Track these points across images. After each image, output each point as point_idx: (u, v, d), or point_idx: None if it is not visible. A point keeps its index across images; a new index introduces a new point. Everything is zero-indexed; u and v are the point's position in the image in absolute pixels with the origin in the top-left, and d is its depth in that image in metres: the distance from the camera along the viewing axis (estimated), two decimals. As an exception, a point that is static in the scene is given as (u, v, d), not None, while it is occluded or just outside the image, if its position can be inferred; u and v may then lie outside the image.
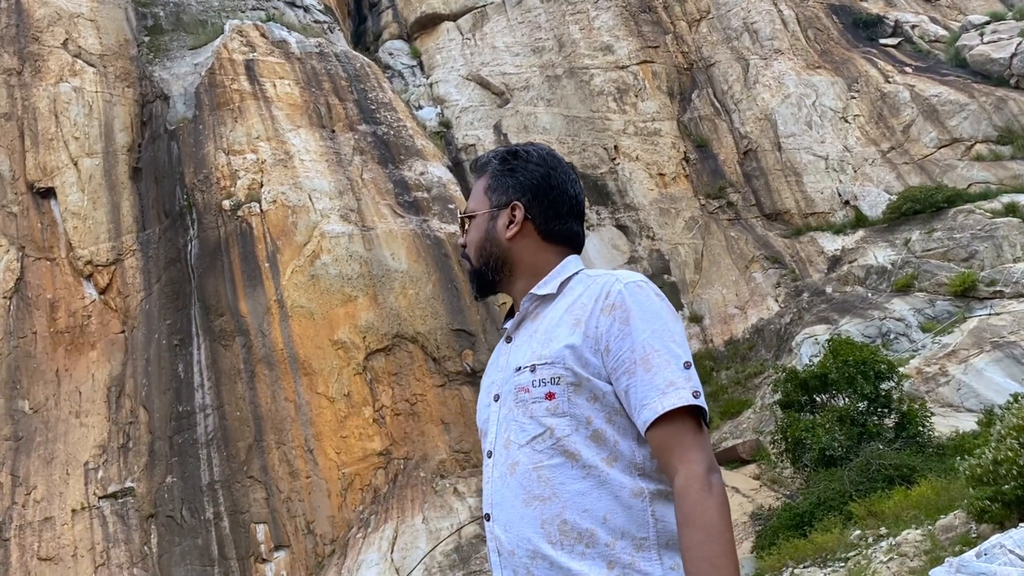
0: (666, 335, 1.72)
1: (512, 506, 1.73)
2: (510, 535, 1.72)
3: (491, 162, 2.02)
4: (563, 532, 1.66)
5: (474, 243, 1.97)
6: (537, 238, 1.95)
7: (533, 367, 1.76)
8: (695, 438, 1.69)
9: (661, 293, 1.83)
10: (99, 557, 22.56)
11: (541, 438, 1.72)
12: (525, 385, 1.76)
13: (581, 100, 32.26)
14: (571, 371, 1.73)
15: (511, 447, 1.77)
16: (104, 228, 27.42)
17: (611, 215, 29.89)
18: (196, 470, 22.95)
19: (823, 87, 31.59)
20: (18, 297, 26.60)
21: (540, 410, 1.73)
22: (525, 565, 1.68)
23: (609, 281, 1.80)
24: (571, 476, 1.69)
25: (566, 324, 1.78)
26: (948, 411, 18.97)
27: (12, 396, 24.98)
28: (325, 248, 24.71)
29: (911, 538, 11.30)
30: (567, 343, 1.75)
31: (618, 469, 1.70)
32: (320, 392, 23.04)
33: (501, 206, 1.96)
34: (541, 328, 1.83)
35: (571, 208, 1.99)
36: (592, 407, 1.72)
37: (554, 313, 1.83)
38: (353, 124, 28.59)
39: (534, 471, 1.72)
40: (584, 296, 1.81)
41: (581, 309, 1.79)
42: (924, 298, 24.31)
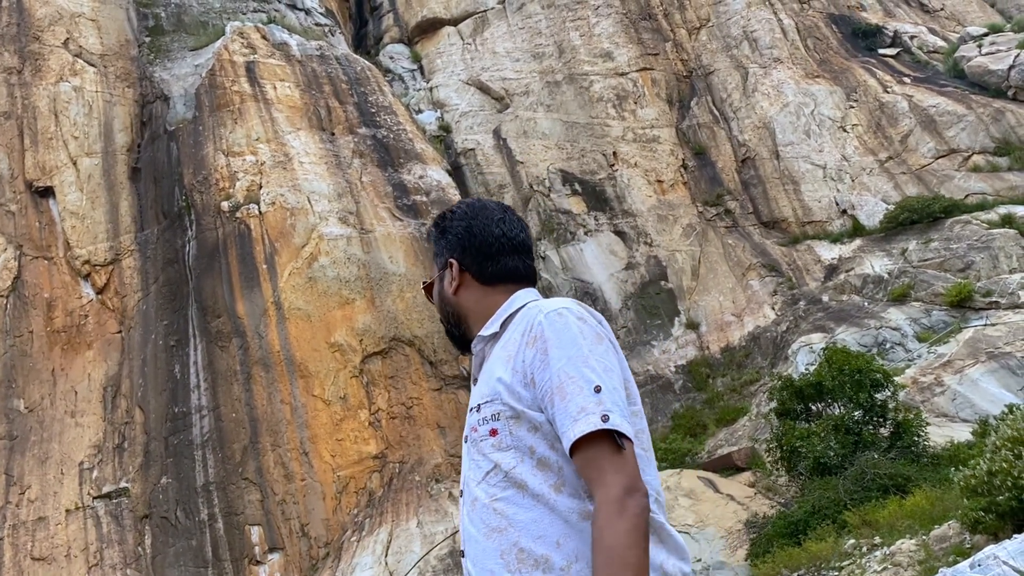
0: (580, 361, 1.76)
1: (476, 540, 1.80)
2: (477, 568, 1.79)
3: (431, 231, 2.17)
4: (520, 560, 1.71)
5: (437, 307, 2.11)
6: (478, 286, 2.05)
7: (478, 407, 1.86)
8: (611, 460, 1.71)
9: (585, 315, 1.87)
10: (92, 557, 22.52)
11: (492, 473, 1.80)
12: (474, 425, 1.86)
13: (580, 106, 32.34)
14: (508, 406, 1.80)
15: (470, 484, 1.86)
16: (102, 228, 27.41)
17: (609, 221, 29.95)
18: (191, 471, 22.93)
19: (822, 96, 31.69)
20: (15, 296, 26.56)
21: (487, 447, 1.81)
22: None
23: (533, 313, 1.87)
24: (523, 506, 1.75)
25: (500, 361, 1.87)
26: (943, 421, 19.02)
27: (7, 395, 24.94)
28: (323, 250, 24.72)
29: (905, 548, 11.33)
30: (500, 379, 1.83)
31: (566, 494, 1.75)
32: (316, 395, 23.03)
33: (443, 267, 2.10)
34: (487, 369, 1.92)
35: (501, 247, 2.06)
36: (533, 437, 1.78)
37: (495, 353, 1.92)
38: (353, 127, 28.63)
39: (490, 504, 1.79)
40: (515, 332, 1.89)
41: (512, 345, 1.86)
42: (920, 308, 24.38)
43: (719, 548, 17.29)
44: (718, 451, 22.39)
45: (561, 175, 30.65)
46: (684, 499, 18.84)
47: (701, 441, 23.54)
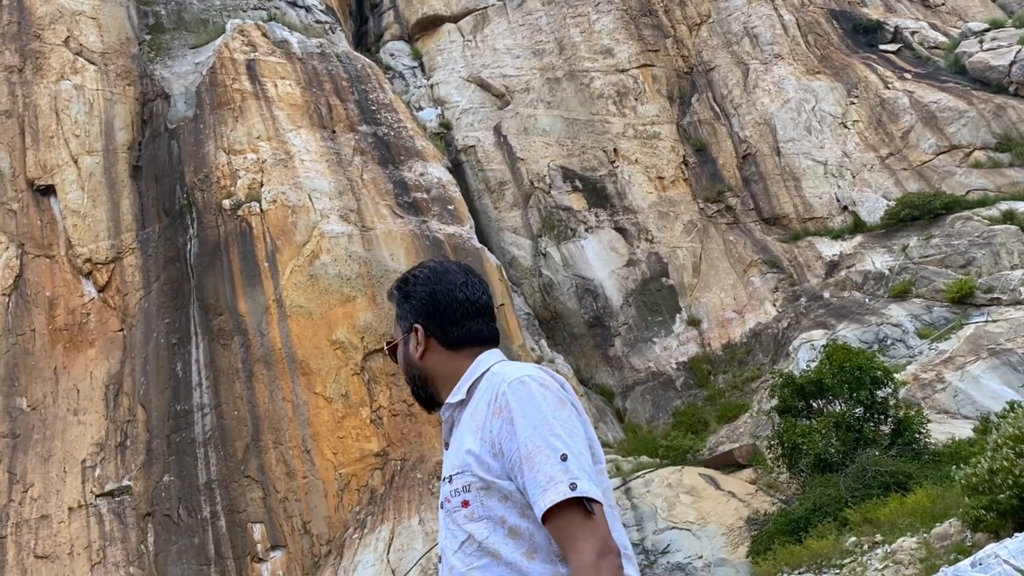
0: (545, 429, 1.81)
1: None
2: None
3: (393, 293, 2.20)
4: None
5: (402, 368, 2.15)
6: (443, 350, 2.08)
7: (450, 478, 1.91)
8: (581, 526, 1.76)
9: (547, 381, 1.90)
10: (95, 555, 22.58)
11: (467, 543, 1.85)
12: (447, 495, 1.91)
13: (581, 103, 32.32)
14: (478, 477, 1.85)
15: (447, 553, 1.90)
16: (104, 226, 27.42)
17: (610, 217, 29.94)
18: (193, 469, 22.98)
19: (823, 92, 31.66)
20: (17, 294, 26.60)
21: (460, 517, 1.86)
22: None
23: (497, 383, 1.91)
24: (497, 574, 1.79)
25: (469, 431, 1.91)
26: (944, 418, 19.03)
27: (10, 393, 24.99)
28: (324, 248, 24.74)
29: (906, 546, 11.35)
30: (469, 449, 1.87)
31: (539, 560, 1.80)
32: (318, 392, 23.07)
33: (407, 331, 2.12)
34: (457, 438, 1.96)
35: (465, 312, 2.10)
36: (504, 506, 1.83)
37: (465, 420, 1.96)
38: (354, 125, 28.62)
39: (466, 573, 1.83)
40: (482, 401, 1.93)
41: (480, 415, 1.91)
42: (921, 304, 24.39)
43: (720, 545, 17.33)
44: (719, 448, 22.42)
45: (562, 172, 30.65)
46: (686, 496, 18.87)
47: (702, 438, 23.57)
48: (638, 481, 19.84)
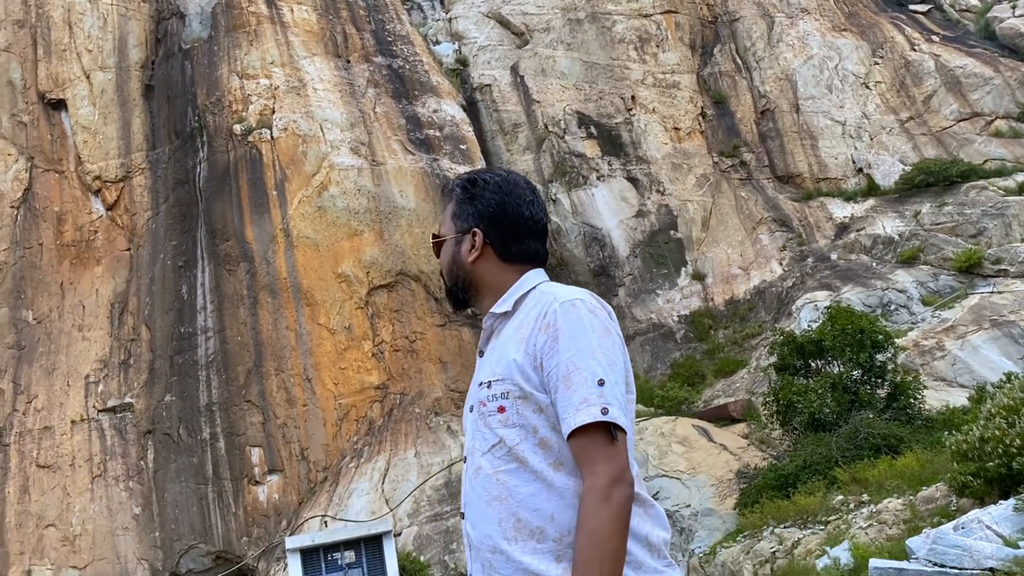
0: (588, 353, 1.86)
1: (477, 506, 1.93)
2: (476, 532, 1.93)
3: (455, 190, 2.17)
4: (517, 529, 1.85)
5: (444, 265, 2.14)
6: (497, 260, 2.10)
7: (489, 383, 1.95)
8: (604, 450, 1.82)
9: (598, 308, 1.95)
10: (96, 468, 23.04)
11: (497, 447, 1.91)
12: (484, 399, 1.95)
13: (601, 46, 31.79)
14: (518, 386, 1.90)
15: (475, 454, 1.97)
16: (114, 144, 27.30)
17: (622, 167, 29.70)
18: (195, 391, 23.29)
19: (847, 50, 31.09)
20: (25, 207, 26.63)
21: (495, 422, 1.92)
22: (487, 559, 1.88)
23: (548, 300, 1.95)
24: (523, 479, 1.87)
25: (513, 342, 1.95)
26: (941, 385, 19.14)
27: (16, 305, 25.21)
28: (334, 180, 24.65)
29: (892, 507, 11.53)
30: (514, 359, 1.92)
31: (563, 473, 1.87)
32: (321, 323, 23.23)
33: (464, 232, 2.12)
34: (499, 345, 2.01)
35: (528, 229, 2.13)
36: (538, 418, 1.89)
37: (508, 331, 2.00)
38: (369, 55, 28.24)
39: (493, 475, 1.91)
40: (530, 315, 1.97)
41: (526, 327, 1.95)
42: (928, 271, 24.31)
43: (709, 496, 17.61)
44: (715, 401, 22.62)
45: (577, 117, 30.30)
46: (677, 446, 19.12)
47: (698, 391, 23.76)
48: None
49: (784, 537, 12.75)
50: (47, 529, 22.29)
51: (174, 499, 22.51)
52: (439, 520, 19.20)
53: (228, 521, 21.96)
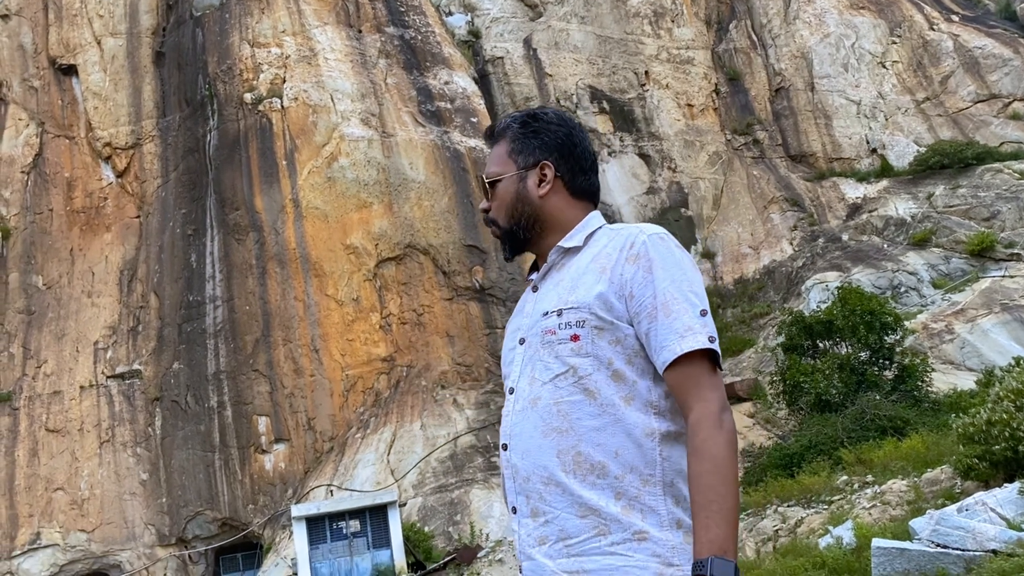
0: (684, 284, 1.84)
1: (531, 436, 1.86)
2: (527, 462, 1.86)
3: (511, 126, 2.09)
4: (577, 463, 1.80)
5: (505, 204, 2.04)
6: (566, 194, 2.04)
7: (560, 311, 1.88)
8: (709, 379, 1.80)
9: (681, 246, 1.95)
10: (104, 434, 23.24)
11: (564, 376, 1.85)
12: (552, 328, 1.88)
13: (616, 20, 31.47)
14: (596, 315, 1.85)
15: (534, 384, 1.89)
16: (124, 111, 27.25)
17: (634, 143, 29.51)
18: (203, 359, 23.40)
19: (864, 29, 30.70)
20: (36, 173, 26.66)
21: (565, 350, 1.85)
22: (539, 491, 1.83)
23: (633, 232, 1.92)
24: (588, 412, 1.82)
25: (592, 272, 1.90)
26: (949, 368, 19.08)
27: (26, 271, 25.31)
28: (344, 151, 24.56)
29: (896, 488, 11.52)
30: (595, 290, 1.87)
31: (634, 408, 1.82)
32: (329, 294, 23.26)
33: (529, 167, 2.04)
34: (568, 277, 1.94)
35: (592, 164, 2.10)
36: (613, 349, 1.84)
37: (580, 263, 1.95)
38: (381, 25, 28.02)
39: (554, 405, 1.84)
40: (609, 247, 1.92)
41: (607, 258, 1.90)
42: (940, 254, 24.16)
43: (713, 473, 17.63)
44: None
45: (590, 91, 30.07)
46: (683, 424, 19.13)
47: (705, 369, 23.74)
48: (638, 406, 20.10)
49: (787, 516, 12.78)
50: (56, 493, 22.53)
51: (181, 466, 22.70)
52: (444, 491, 19.31)
53: (234, 488, 22.15)
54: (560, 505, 1.80)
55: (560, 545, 1.79)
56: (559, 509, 1.80)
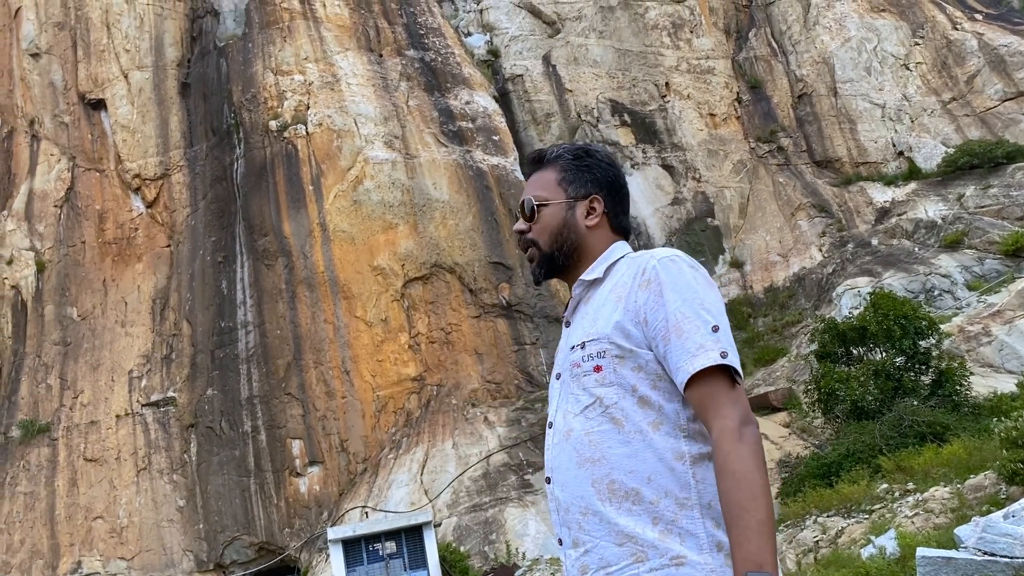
0: (695, 303, 1.87)
1: (567, 468, 1.91)
2: (566, 494, 1.91)
3: (563, 156, 2.16)
4: (611, 491, 1.84)
5: (549, 229, 2.09)
6: (608, 230, 2.13)
7: (583, 344, 1.94)
8: (727, 394, 1.81)
9: (696, 264, 1.98)
10: (141, 461, 23.49)
11: (592, 407, 1.90)
12: (577, 361, 1.94)
13: (634, 33, 31.52)
14: (615, 344, 1.90)
15: (567, 416, 1.95)
16: (152, 142, 27.71)
17: (657, 154, 29.45)
18: (236, 384, 23.60)
19: (886, 31, 30.47)
20: (68, 206, 27.16)
21: (590, 382, 1.91)
22: (578, 520, 1.87)
23: (645, 258, 1.97)
24: (618, 440, 1.86)
25: (610, 302, 1.96)
26: (988, 371, 18.72)
27: (61, 303, 25.74)
28: (368, 174, 24.77)
29: (939, 495, 11.30)
30: (612, 320, 1.92)
31: (663, 432, 1.85)
32: (358, 316, 23.40)
33: (579, 197, 2.11)
34: (591, 310, 2.01)
35: (629, 204, 2.22)
36: (637, 376, 1.88)
37: (601, 295, 2.01)
38: (401, 49, 28.31)
39: (585, 436, 1.89)
40: (625, 275, 1.98)
41: (622, 287, 1.96)
42: (973, 255, 23.78)
43: (750, 485, 17.41)
44: (755, 391, 22.37)
45: (610, 105, 30.10)
46: (717, 436, 18.93)
47: (738, 379, 23.50)
48: (671, 418, 19.92)
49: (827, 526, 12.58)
50: (95, 521, 22.78)
51: (217, 491, 22.86)
52: (478, 511, 19.25)
53: (270, 512, 22.25)
54: (598, 534, 1.83)
55: (601, 574, 1.81)
56: (598, 538, 1.83)
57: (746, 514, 1.68)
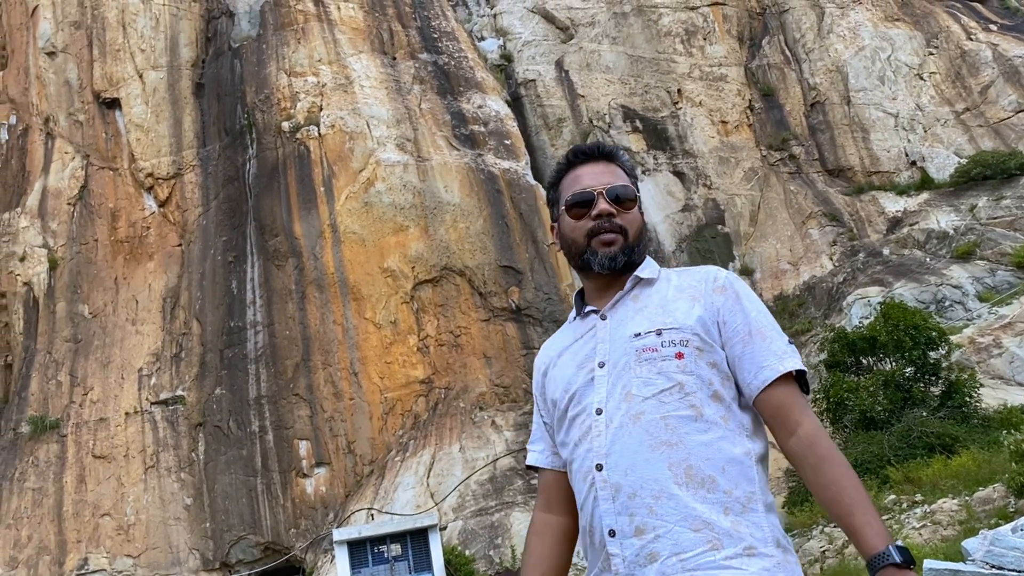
0: (769, 316, 2.01)
1: (635, 451, 1.88)
2: (631, 478, 1.87)
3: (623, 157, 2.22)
4: (688, 476, 1.84)
5: (637, 223, 2.14)
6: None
7: (659, 331, 1.96)
8: (805, 399, 1.94)
9: None
10: (149, 459, 23.58)
11: (670, 391, 1.90)
12: (653, 346, 1.94)
13: (647, 40, 31.53)
14: (698, 336, 1.94)
15: (633, 400, 1.92)
16: (166, 142, 27.87)
17: (668, 161, 29.44)
18: (244, 384, 23.68)
19: (900, 41, 30.39)
20: (82, 204, 27.33)
21: (671, 367, 1.92)
22: (648, 505, 1.83)
23: (712, 270, 2.07)
24: (696, 428, 1.87)
25: (683, 299, 2.01)
26: (998, 384, 18.63)
27: (73, 300, 25.89)
28: (380, 176, 24.84)
29: (947, 507, 11.25)
30: (694, 314, 1.97)
31: (732, 427, 1.90)
32: (367, 318, 23.45)
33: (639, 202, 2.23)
34: (652, 304, 2.03)
35: None
36: (711, 371, 1.93)
37: (661, 293, 2.05)
38: (415, 52, 28.39)
39: (661, 420, 1.88)
40: (693, 280, 2.06)
41: (694, 289, 2.02)
42: (985, 267, 23.68)
43: (757, 494, 17.35)
44: (763, 398, 22.31)
45: (622, 111, 30.11)
46: (725, 443, 18.89)
47: (746, 387, 23.46)
48: (678, 425, 19.89)
49: (834, 536, 12.53)
50: (103, 518, 22.87)
51: (224, 490, 22.93)
52: (484, 515, 19.25)
53: (276, 513, 22.31)
54: (673, 519, 1.81)
55: (674, 560, 1.78)
56: (672, 523, 1.81)
57: (865, 499, 1.78)
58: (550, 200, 2.22)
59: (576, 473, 1.96)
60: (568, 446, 2.00)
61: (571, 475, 2.00)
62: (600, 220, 2.08)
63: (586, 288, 2.16)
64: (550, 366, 2.11)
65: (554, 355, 2.12)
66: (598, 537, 1.89)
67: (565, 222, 2.11)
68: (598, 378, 1.98)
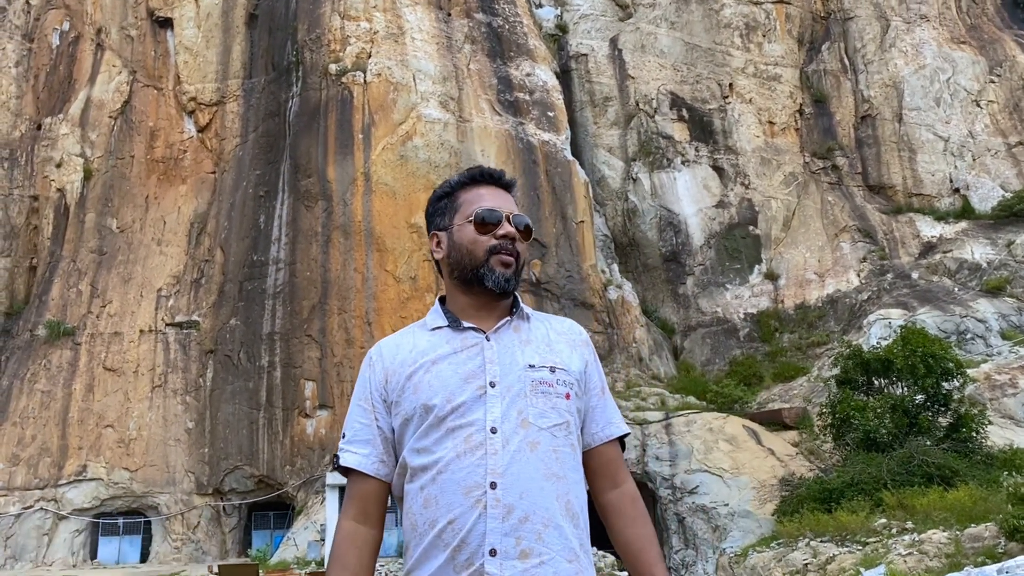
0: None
1: (531, 478, 1.94)
2: (526, 503, 1.91)
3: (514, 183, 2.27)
4: (567, 509, 1.97)
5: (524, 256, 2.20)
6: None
7: (553, 368, 2.05)
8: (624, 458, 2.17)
9: None
10: (157, 378, 23.95)
11: (561, 427, 2.01)
12: (548, 381, 2.03)
13: (706, 29, 31.06)
14: (578, 383, 2.09)
15: (530, 428, 1.97)
16: (213, 68, 27.91)
17: (709, 154, 29.12)
18: (260, 318, 23.91)
19: (962, 64, 29.74)
20: (123, 119, 27.50)
21: (561, 404, 2.03)
22: (537, 531, 1.90)
23: (576, 324, 2.23)
24: (572, 466, 2.01)
25: (563, 344, 2.12)
26: (1008, 423, 18.45)
27: (103, 212, 26.16)
28: (419, 131, 24.78)
29: (936, 539, 11.22)
30: (576, 362, 2.11)
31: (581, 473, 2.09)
32: (388, 270, 23.54)
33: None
34: (536, 339, 2.10)
35: None
36: (577, 417, 2.08)
37: (542, 332, 2.14)
38: (470, 10, 28.14)
39: (553, 452, 1.98)
40: (564, 327, 2.18)
41: (568, 338, 2.15)
42: (1013, 304, 23.35)
43: (749, 497, 17.41)
44: (769, 405, 22.26)
45: (671, 98, 29.76)
46: (724, 444, 18.90)
47: (754, 391, 23.41)
48: (680, 419, 19.92)
49: (819, 551, 12.54)
50: (106, 429, 23.31)
51: (226, 419, 23.27)
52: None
53: (275, 448, 22.63)
54: (556, 547, 1.89)
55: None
56: (555, 551, 1.89)
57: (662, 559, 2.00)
58: (439, 209, 2.19)
59: (447, 484, 1.90)
60: (432, 455, 1.94)
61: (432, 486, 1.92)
62: (504, 240, 2.09)
63: (459, 302, 2.17)
64: (418, 369, 2.04)
65: (423, 360, 2.06)
66: (468, 553, 1.85)
67: (465, 232, 2.09)
68: (490, 397, 1.97)
